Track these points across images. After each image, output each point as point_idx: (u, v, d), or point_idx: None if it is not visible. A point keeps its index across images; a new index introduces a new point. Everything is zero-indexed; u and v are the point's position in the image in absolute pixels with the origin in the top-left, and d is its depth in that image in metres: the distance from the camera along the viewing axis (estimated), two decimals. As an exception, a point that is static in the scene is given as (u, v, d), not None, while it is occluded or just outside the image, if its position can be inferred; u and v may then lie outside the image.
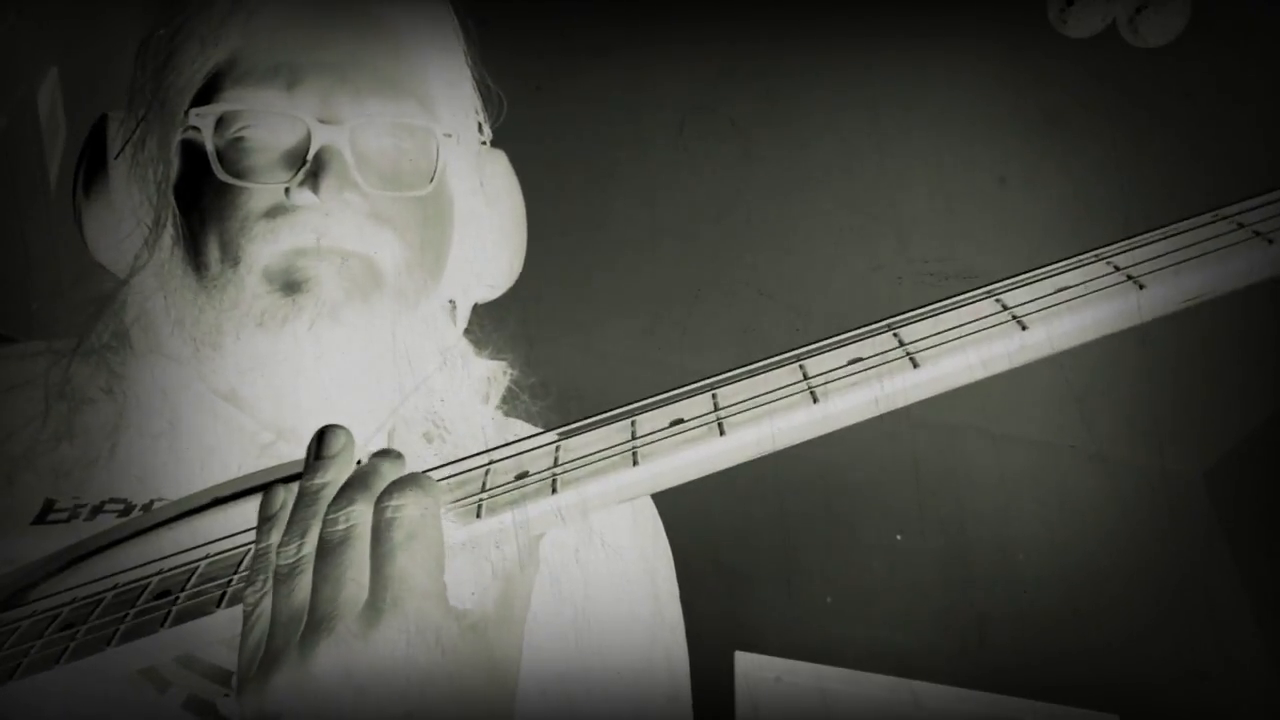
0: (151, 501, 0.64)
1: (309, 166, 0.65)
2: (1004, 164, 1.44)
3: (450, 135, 0.70)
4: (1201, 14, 1.36)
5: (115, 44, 1.40)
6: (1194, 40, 1.37)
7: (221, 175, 0.65)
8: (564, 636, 0.67)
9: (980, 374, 0.45)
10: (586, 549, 0.68)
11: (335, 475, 0.50)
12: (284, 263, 0.65)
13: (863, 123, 1.51)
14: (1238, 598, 1.68)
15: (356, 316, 0.65)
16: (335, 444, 0.52)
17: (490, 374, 0.74)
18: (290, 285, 0.65)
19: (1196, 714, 1.58)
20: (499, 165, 0.77)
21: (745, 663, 1.56)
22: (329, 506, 0.48)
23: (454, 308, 0.75)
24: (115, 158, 0.71)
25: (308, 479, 0.50)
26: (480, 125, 0.76)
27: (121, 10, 1.39)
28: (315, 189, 0.64)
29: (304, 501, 0.49)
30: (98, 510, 0.63)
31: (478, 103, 0.75)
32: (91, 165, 0.72)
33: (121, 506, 0.64)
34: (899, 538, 1.63)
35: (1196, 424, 1.68)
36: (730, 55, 1.51)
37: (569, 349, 1.55)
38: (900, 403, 0.46)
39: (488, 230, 0.76)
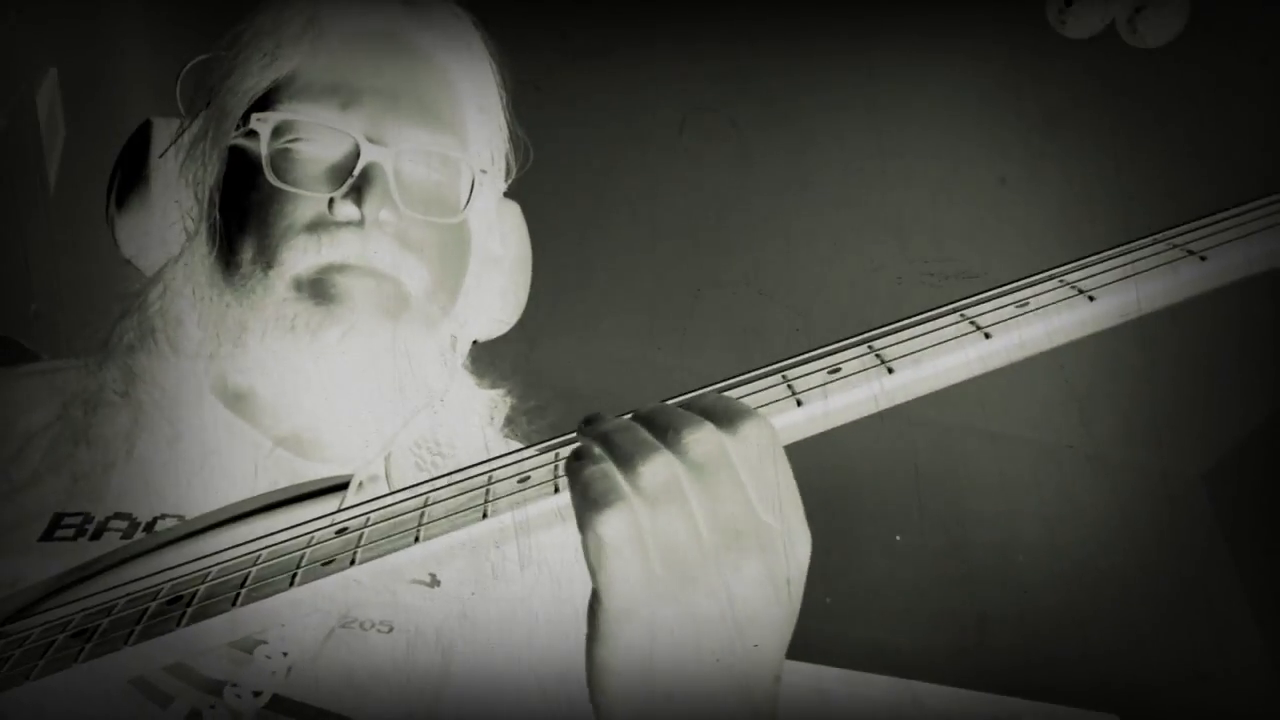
0: (155, 520, 0.65)
1: (354, 181, 0.68)
2: (1004, 164, 1.44)
3: (485, 172, 0.73)
4: (1200, 14, 1.36)
5: (115, 45, 1.40)
6: (1193, 40, 1.37)
7: (273, 180, 0.67)
8: (564, 636, 0.67)
9: (950, 380, 0.50)
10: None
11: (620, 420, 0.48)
12: (318, 275, 0.67)
13: (863, 123, 1.51)
14: (1237, 598, 1.68)
15: (385, 335, 0.68)
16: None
17: (491, 401, 0.76)
18: (323, 296, 0.67)
19: (1196, 714, 1.58)
20: (514, 214, 0.81)
21: (745, 663, 1.56)
22: (681, 428, 0.46)
23: (455, 341, 0.77)
24: (160, 156, 0.73)
25: (600, 423, 0.48)
26: (509, 170, 0.79)
27: (121, 10, 1.39)
28: (359, 202, 0.67)
29: (628, 432, 0.47)
30: (103, 528, 0.64)
31: (508, 149, 0.79)
32: (131, 167, 0.74)
33: (126, 524, 0.64)
34: (899, 538, 1.63)
35: (1196, 424, 1.68)
36: (730, 55, 1.51)
37: (569, 349, 1.55)
38: (882, 405, 0.51)
39: (499, 271, 0.80)
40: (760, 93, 1.53)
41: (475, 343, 0.79)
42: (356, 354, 0.67)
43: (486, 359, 0.79)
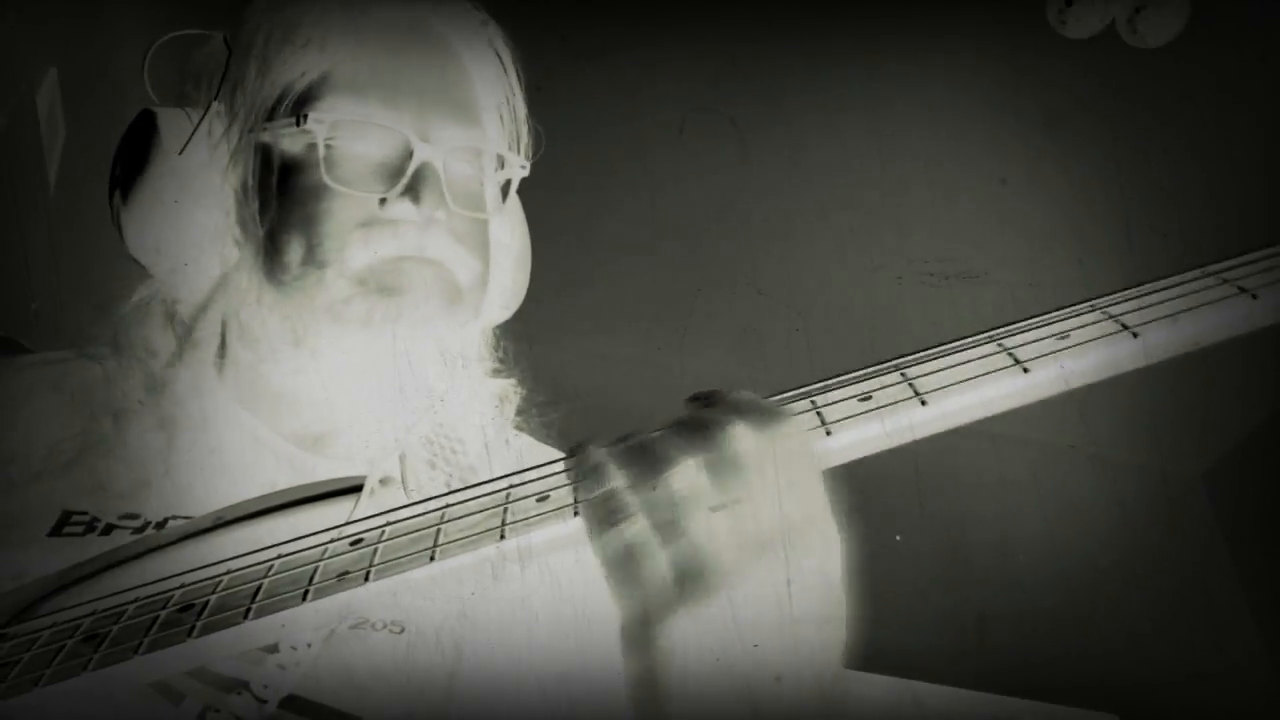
0: (166, 520, 0.64)
1: (409, 180, 0.66)
2: (1004, 164, 1.44)
3: (524, 168, 0.73)
4: (1200, 14, 1.36)
5: (115, 44, 1.40)
6: (1193, 40, 1.37)
7: (329, 181, 0.66)
8: (565, 636, 0.67)
9: (982, 414, 0.48)
10: (587, 550, 0.68)
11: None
12: (380, 267, 0.66)
13: (863, 123, 1.51)
14: (1237, 598, 1.68)
15: (446, 325, 0.67)
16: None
17: (503, 392, 0.76)
18: (386, 288, 0.66)
19: (1196, 714, 1.58)
20: (513, 198, 0.81)
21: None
22: (713, 428, 0.46)
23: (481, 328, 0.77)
24: (180, 153, 0.71)
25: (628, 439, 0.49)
26: (525, 158, 0.79)
27: (121, 11, 1.39)
28: (416, 202, 0.66)
29: (647, 448, 0.48)
30: (112, 526, 0.64)
31: (526, 137, 0.78)
32: (134, 161, 0.72)
33: (136, 523, 0.64)
34: (899, 538, 1.63)
35: (1196, 424, 1.68)
36: (730, 55, 1.51)
37: (568, 349, 1.55)
38: (908, 439, 0.48)
39: (508, 257, 0.80)
40: (760, 93, 1.53)
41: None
42: (422, 346, 0.67)
43: (499, 349, 0.79)
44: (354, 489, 0.59)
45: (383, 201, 0.66)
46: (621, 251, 1.58)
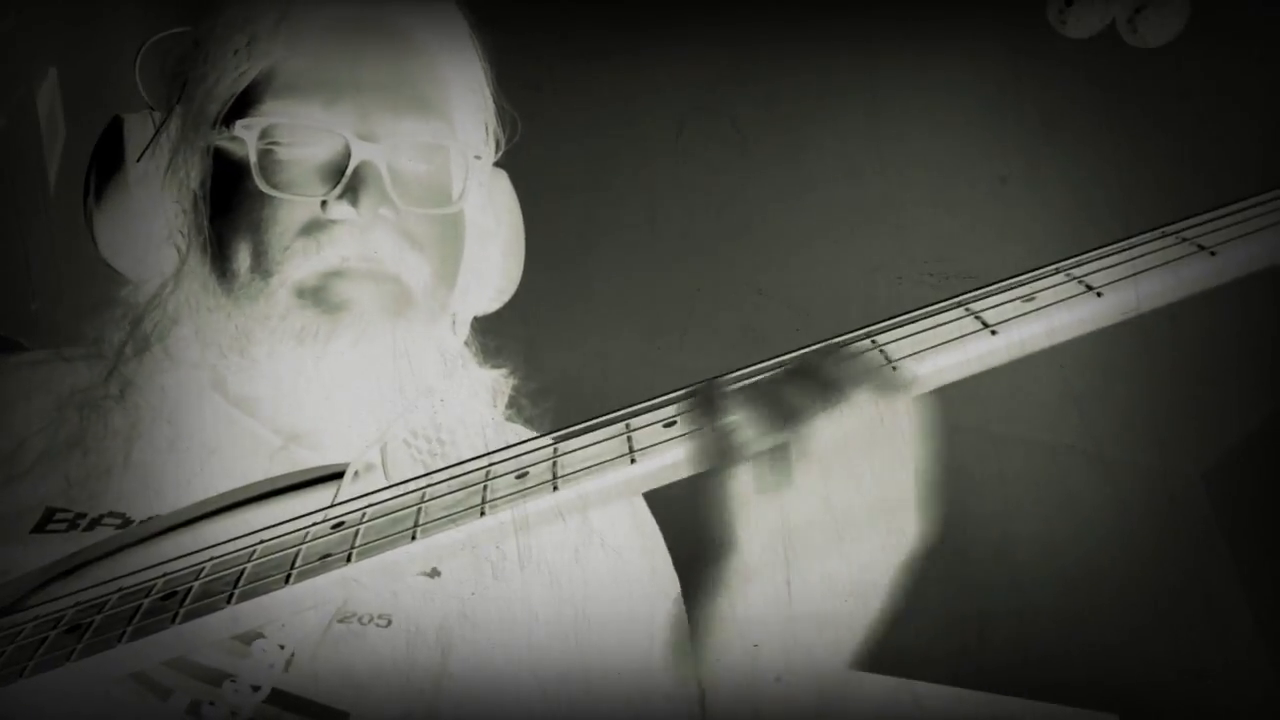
0: (150, 520, 0.64)
1: (348, 181, 0.66)
2: (1004, 164, 1.44)
3: (479, 157, 0.72)
4: (1200, 14, 1.36)
5: (115, 45, 1.40)
6: (1193, 40, 1.37)
7: (263, 186, 0.66)
8: (564, 636, 0.67)
9: (953, 376, 0.51)
10: (586, 549, 0.69)
11: None
12: (320, 282, 0.66)
13: (863, 123, 1.51)
14: (1237, 597, 1.68)
15: (392, 333, 0.67)
16: None
17: (493, 382, 0.76)
18: (328, 304, 0.66)
19: (1196, 713, 1.58)
20: (503, 184, 0.80)
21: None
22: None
23: (454, 320, 0.76)
24: (138, 160, 0.71)
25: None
26: (498, 145, 0.78)
27: (121, 11, 1.39)
28: (355, 203, 0.65)
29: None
30: (96, 523, 0.63)
31: (494, 123, 0.77)
32: (105, 167, 0.72)
33: (119, 521, 0.64)
34: (899, 538, 1.63)
35: (1196, 424, 1.68)
36: (730, 56, 1.51)
37: (568, 349, 1.55)
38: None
39: (495, 246, 0.78)
40: (760, 93, 1.53)
41: (476, 319, 0.79)
42: (364, 357, 0.66)
43: (491, 340, 0.78)
44: (334, 476, 0.59)
45: (324, 205, 0.66)
46: (621, 251, 1.58)
